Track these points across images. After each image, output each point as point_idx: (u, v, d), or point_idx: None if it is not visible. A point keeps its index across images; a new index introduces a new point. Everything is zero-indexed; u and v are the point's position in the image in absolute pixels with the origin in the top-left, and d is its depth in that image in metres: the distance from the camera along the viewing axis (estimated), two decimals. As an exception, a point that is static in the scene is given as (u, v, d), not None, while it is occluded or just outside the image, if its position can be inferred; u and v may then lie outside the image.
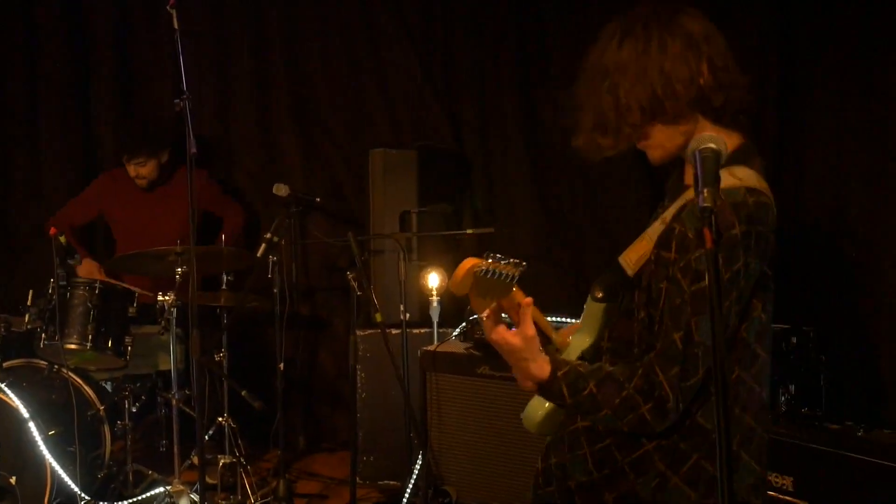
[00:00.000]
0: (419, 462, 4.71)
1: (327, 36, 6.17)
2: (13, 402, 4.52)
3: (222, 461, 5.11)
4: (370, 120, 6.12)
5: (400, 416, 4.90)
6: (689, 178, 2.34)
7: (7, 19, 6.34)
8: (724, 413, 1.69)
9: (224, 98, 6.36)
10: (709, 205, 1.74)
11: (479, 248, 5.67)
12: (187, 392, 5.13)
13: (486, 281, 2.13)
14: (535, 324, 2.25)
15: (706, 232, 1.72)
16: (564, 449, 2.40)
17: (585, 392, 2.18)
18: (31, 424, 4.50)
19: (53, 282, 4.75)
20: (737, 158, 2.22)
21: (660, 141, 2.28)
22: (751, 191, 2.14)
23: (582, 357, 2.37)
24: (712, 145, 1.84)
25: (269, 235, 4.93)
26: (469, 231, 5.25)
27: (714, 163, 1.80)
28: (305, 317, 6.12)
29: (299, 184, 5.85)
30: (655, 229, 2.27)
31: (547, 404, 2.38)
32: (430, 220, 5.47)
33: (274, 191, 5.43)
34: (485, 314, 2.25)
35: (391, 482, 5.26)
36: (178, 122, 5.39)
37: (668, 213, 2.26)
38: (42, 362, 4.91)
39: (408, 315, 4.94)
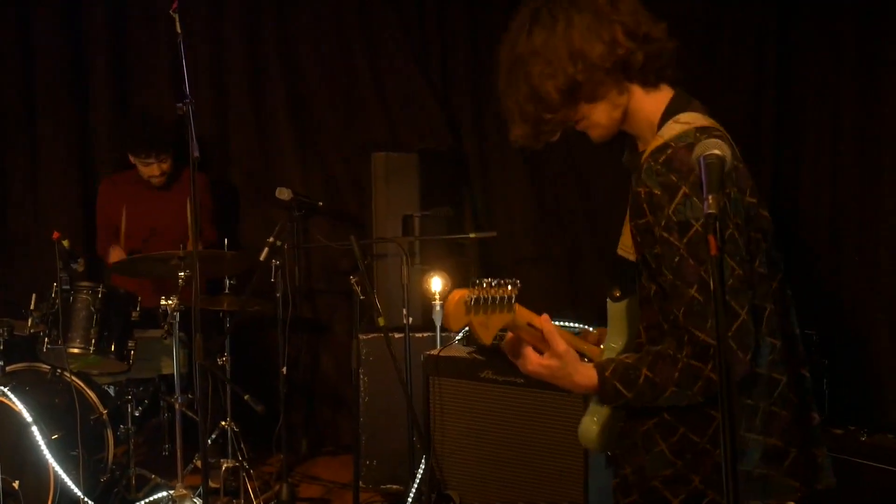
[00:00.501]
0: (422, 466, 4.71)
1: (324, 37, 6.18)
2: (16, 406, 4.52)
3: (225, 465, 5.10)
4: (367, 122, 6.12)
5: (402, 420, 4.90)
6: (641, 145, 2.31)
7: (4, 23, 6.33)
8: (729, 405, 1.67)
9: (221, 101, 6.36)
10: (714, 211, 1.73)
11: (482, 252, 5.68)
12: (190, 396, 5.13)
13: (483, 308, 2.07)
14: (520, 327, 2.19)
15: (711, 239, 1.71)
16: (639, 453, 2.28)
17: (640, 380, 2.12)
18: (34, 428, 4.50)
19: (56, 286, 4.74)
20: (676, 107, 2.21)
21: (596, 119, 2.26)
22: (701, 129, 2.13)
23: None
24: (717, 151, 1.83)
25: (271, 239, 4.94)
26: (472, 235, 5.24)
27: (719, 169, 1.80)
28: (307, 320, 6.12)
29: (297, 186, 5.84)
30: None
31: (598, 418, 2.30)
32: (433, 223, 5.46)
33: (276, 195, 5.44)
34: (508, 350, 2.23)
35: (394, 486, 5.25)
36: (178, 125, 5.46)
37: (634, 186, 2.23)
38: (45, 366, 4.91)
39: (410, 319, 4.93)
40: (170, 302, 4.76)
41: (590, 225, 5.55)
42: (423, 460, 4.72)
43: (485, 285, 2.08)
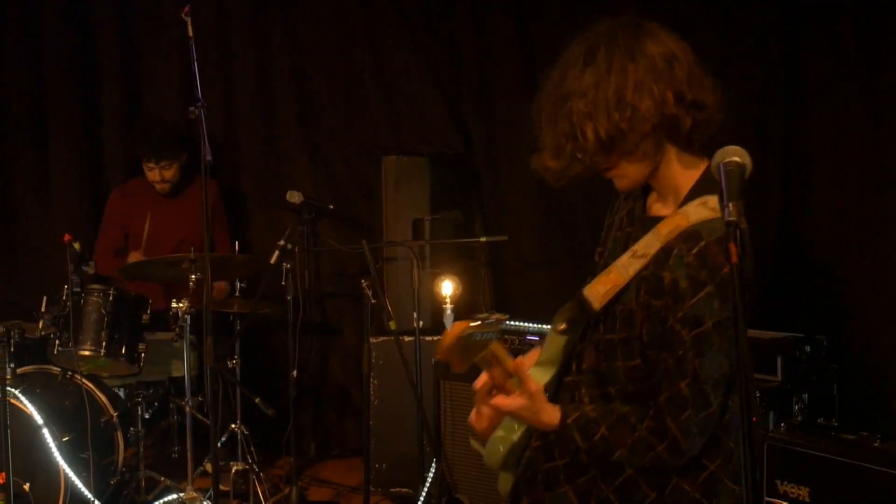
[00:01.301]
0: (432, 470, 4.71)
1: (332, 43, 6.19)
2: (27, 408, 4.53)
3: (235, 468, 5.11)
4: (377, 126, 6.12)
5: (412, 423, 4.90)
6: (656, 206, 2.30)
7: (13, 29, 6.35)
8: (748, 431, 1.68)
9: (230, 104, 6.37)
10: (734, 219, 1.73)
11: (492, 256, 5.68)
12: (200, 399, 5.13)
13: (472, 342, 2.10)
14: (498, 358, 2.19)
15: (732, 247, 1.72)
16: (539, 488, 2.35)
17: (598, 437, 2.17)
18: (45, 431, 4.51)
19: (67, 288, 4.75)
20: (708, 186, 2.15)
21: (625, 171, 2.23)
22: (729, 224, 2.10)
23: (543, 390, 2.28)
24: (736, 158, 1.82)
25: (282, 242, 4.94)
26: (483, 238, 5.25)
27: (739, 176, 1.79)
28: (317, 323, 6.12)
29: (307, 189, 5.85)
30: (626, 263, 2.22)
31: (509, 443, 2.33)
32: (443, 227, 5.46)
33: (287, 198, 5.45)
34: (482, 394, 2.27)
35: (403, 489, 5.25)
36: (187, 133, 5.47)
37: (640, 247, 2.21)
38: (55, 368, 4.91)
39: (421, 322, 4.93)
40: (181, 305, 4.77)
41: (597, 232, 5.52)
42: (433, 464, 4.72)
43: (483, 322, 2.11)
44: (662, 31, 2.20)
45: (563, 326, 2.31)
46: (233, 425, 5.26)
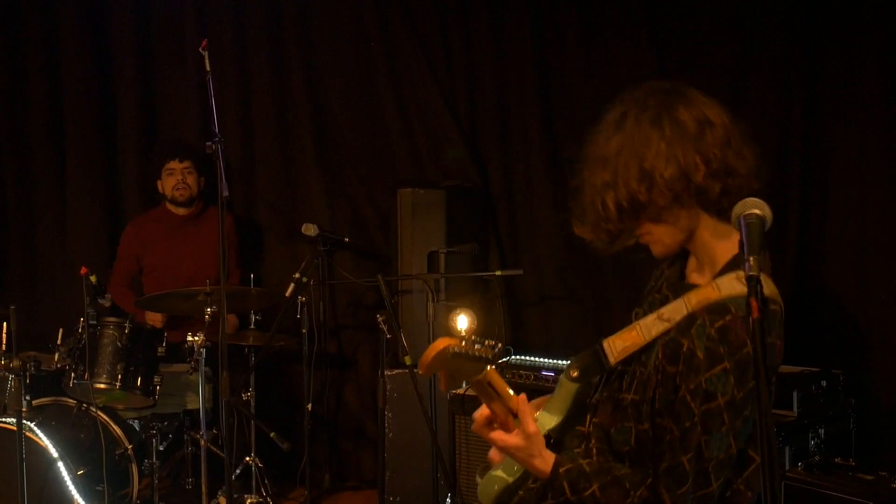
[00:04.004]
0: (447, 503, 4.70)
1: (350, 74, 6.21)
2: (42, 441, 4.54)
3: (249, 501, 5.11)
4: (394, 158, 6.14)
5: (427, 456, 4.89)
6: (693, 275, 2.27)
7: (34, 61, 6.39)
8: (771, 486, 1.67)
9: (247, 137, 6.39)
10: (755, 273, 1.72)
11: (507, 289, 5.67)
12: (215, 431, 5.14)
13: (457, 363, 2.09)
14: (496, 390, 2.18)
15: (753, 302, 1.70)
16: None
17: (587, 493, 2.14)
18: (60, 464, 4.52)
19: (83, 321, 4.77)
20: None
21: (658, 237, 2.21)
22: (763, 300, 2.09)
23: (548, 436, 2.28)
24: (757, 211, 1.82)
25: (297, 275, 4.94)
26: (498, 272, 5.23)
27: (760, 230, 1.79)
28: (332, 355, 6.12)
29: (323, 222, 5.87)
30: (650, 323, 2.19)
31: (503, 483, 2.31)
32: (458, 260, 5.45)
33: (302, 230, 5.47)
34: (481, 425, 2.26)
35: (417, 523, 5.24)
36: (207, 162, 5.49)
37: (667, 311, 2.17)
38: (71, 401, 4.93)
39: (436, 356, 4.91)
40: (196, 338, 4.78)
41: (617, 270, 5.51)
42: (447, 497, 4.70)
43: (470, 342, 2.09)
44: (699, 96, 2.17)
45: (575, 374, 2.29)
46: (247, 458, 5.26)
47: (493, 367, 2.15)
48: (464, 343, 2.08)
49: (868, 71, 4.82)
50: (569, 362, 2.33)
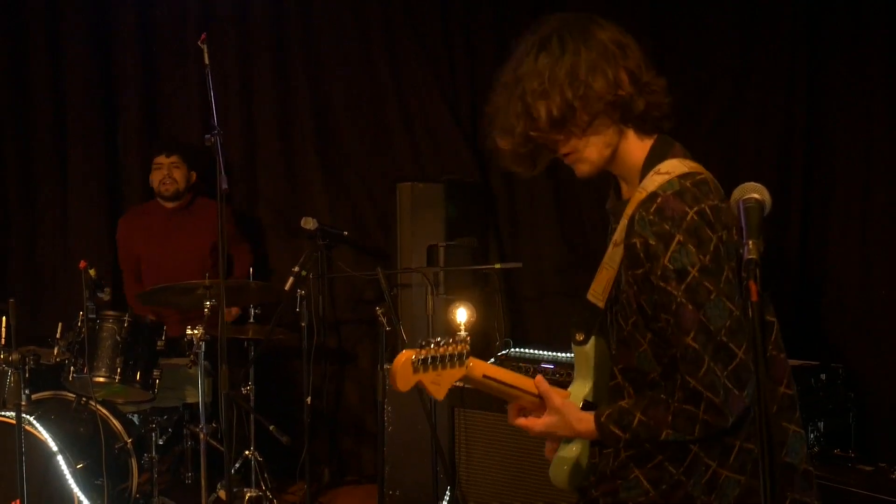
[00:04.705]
0: (447, 497, 4.69)
1: (351, 70, 6.22)
2: (42, 435, 4.53)
3: (248, 494, 5.11)
4: (394, 153, 6.14)
5: (427, 450, 4.89)
6: (626, 192, 2.32)
7: (35, 58, 6.39)
8: (767, 430, 1.67)
9: (248, 129, 6.40)
10: (754, 257, 1.73)
11: (507, 283, 5.67)
12: (214, 425, 5.13)
13: (433, 366, 2.10)
14: (511, 385, 2.24)
15: (752, 285, 1.70)
16: (612, 480, 2.31)
17: (635, 423, 2.16)
18: (60, 458, 4.51)
19: (83, 315, 4.76)
20: (656, 156, 2.22)
21: (583, 153, 2.25)
22: (683, 176, 2.13)
23: (586, 403, 2.31)
24: (756, 195, 1.83)
25: (297, 269, 4.94)
26: (497, 266, 5.24)
27: (759, 214, 1.80)
28: (331, 350, 6.12)
29: (324, 216, 5.87)
30: (611, 254, 2.25)
31: (570, 457, 2.33)
32: (458, 254, 5.45)
33: (302, 224, 5.46)
34: (514, 417, 2.33)
35: (417, 517, 5.24)
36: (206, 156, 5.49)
37: (617, 234, 2.23)
38: (70, 395, 4.93)
39: (435, 349, 4.91)
40: (195, 332, 4.77)
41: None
42: (447, 491, 4.70)
43: (433, 345, 2.11)
44: (611, 23, 2.26)
45: (580, 336, 2.32)
46: (247, 451, 5.26)
47: (474, 359, 2.17)
48: (427, 348, 2.09)
49: (871, 67, 4.82)
50: (570, 329, 2.35)
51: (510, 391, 2.26)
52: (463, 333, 2.15)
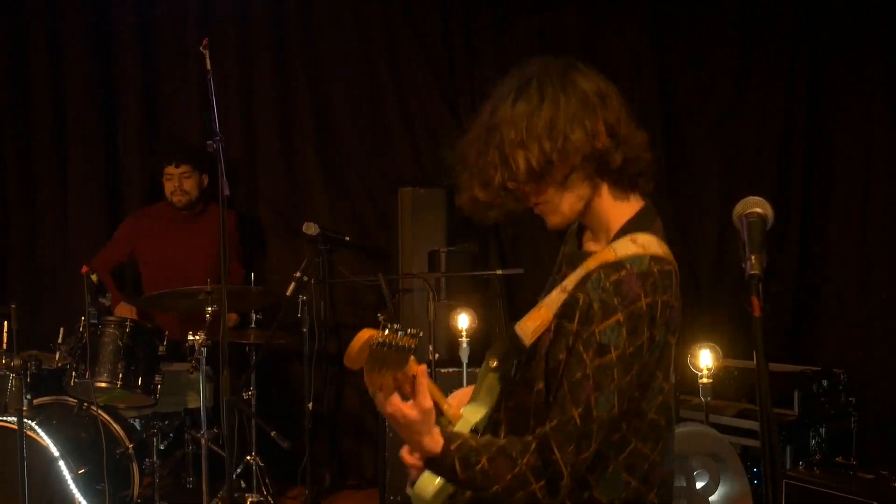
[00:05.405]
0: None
1: (352, 73, 6.23)
2: (43, 440, 4.53)
3: (250, 499, 5.10)
4: (396, 158, 6.15)
5: (428, 456, 4.87)
6: (589, 245, 2.27)
7: (35, 59, 6.39)
8: (774, 486, 1.67)
9: (248, 130, 6.39)
10: (757, 272, 1.72)
11: (508, 289, 5.67)
12: (215, 430, 5.13)
13: (382, 353, 2.05)
14: (436, 399, 2.16)
15: (754, 300, 1.70)
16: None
17: (478, 467, 2.07)
18: (61, 463, 4.51)
19: (84, 320, 4.76)
20: (638, 224, 2.15)
21: (556, 205, 2.19)
22: (655, 259, 2.07)
23: (475, 429, 2.25)
24: (759, 210, 1.81)
25: (298, 274, 4.93)
26: (499, 272, 5.24)
27: (761, 228, 1.78)
28: (333, 355, 6.11)
29: (325, 221, 5.87)
30: (555, 298, 2.17)
31: (438, 479, 2.22)
32: (459, 259, 5.45)
33: (303, 229, 5.46)
34: (378, 388, 2.17)
35: (418, 522, 5.22)
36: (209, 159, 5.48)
37: (570, 282, 2.15)
38: (72, 400, 4.92)
39: (437, 355, 4.92)
40: (197, 337, 4.77)
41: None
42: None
43: (393, 331, 2.06)
44: (593, 71, 2.20)
45: (495, 363, 2.27)
46: (248, 457, 5.25)
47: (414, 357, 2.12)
48: (387, 332, 2.04)
49: (871, 67, 4.83)
50: (487, 353, 2.31)
51: (432, 395, 2.20)
52: (415, 330, 2.09)
